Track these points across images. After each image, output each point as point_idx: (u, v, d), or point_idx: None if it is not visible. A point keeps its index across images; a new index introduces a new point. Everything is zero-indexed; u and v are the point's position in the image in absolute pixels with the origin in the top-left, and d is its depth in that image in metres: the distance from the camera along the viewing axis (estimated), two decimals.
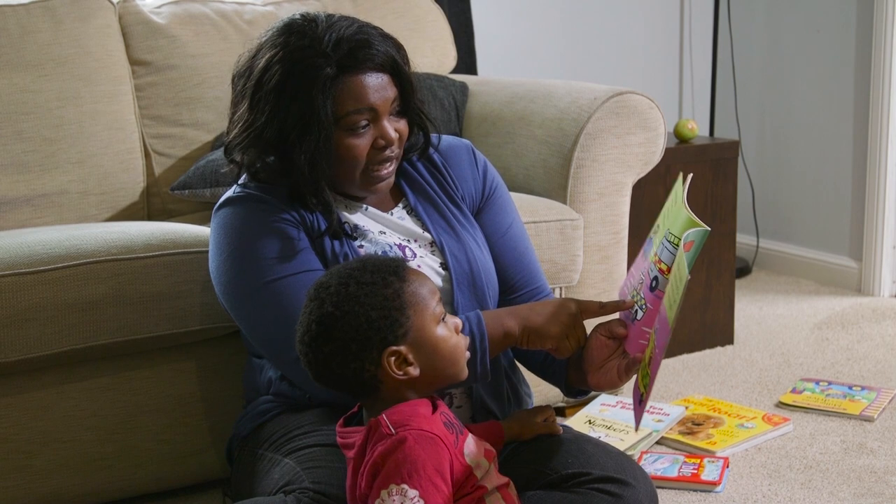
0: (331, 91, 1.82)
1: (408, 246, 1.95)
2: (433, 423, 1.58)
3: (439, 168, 2.05)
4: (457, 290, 1.94)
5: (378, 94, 1.85)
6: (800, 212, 4.19)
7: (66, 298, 2.13)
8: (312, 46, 1.83)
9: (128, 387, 2.28)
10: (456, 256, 1.96)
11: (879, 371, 3.08)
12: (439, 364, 1.63)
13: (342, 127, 1.85)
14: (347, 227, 1.93)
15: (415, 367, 1.60)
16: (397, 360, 1.59)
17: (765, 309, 3.73)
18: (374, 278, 1.60)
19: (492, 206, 2.09)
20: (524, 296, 2.06)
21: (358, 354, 1.58)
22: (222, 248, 1.90)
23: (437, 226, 1.99)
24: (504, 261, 2.06)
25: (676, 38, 4.36)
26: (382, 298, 1.59)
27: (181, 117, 2.90)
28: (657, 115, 2.77)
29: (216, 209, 1.94)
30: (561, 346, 1.81)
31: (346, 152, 1.86)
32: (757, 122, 4.31)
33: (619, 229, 2.77)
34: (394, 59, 1.87)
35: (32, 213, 2.69)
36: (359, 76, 1.84)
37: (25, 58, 2.73)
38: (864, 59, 3.85)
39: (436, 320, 1.63)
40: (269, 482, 1.80)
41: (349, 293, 1.59)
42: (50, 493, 2.24)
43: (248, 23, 3.02)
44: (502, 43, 3.98)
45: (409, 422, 1.56)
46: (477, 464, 1.61)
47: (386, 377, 1.60)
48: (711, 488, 2.37)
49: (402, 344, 1.59)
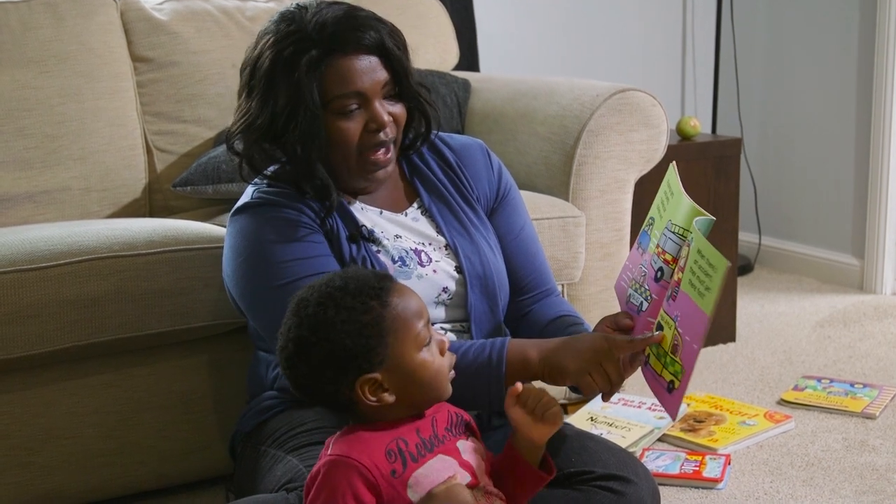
0: (316, 74, 1.81)
1: (424, 250, 1.94)
2: (370, 453, 1.54)
3: (453, 167, 2.04)
4: (470, 293, 1.93)
5: (366, 76, 1.84)
6: (802, 209, 4.19)
7: (67, 295, 2.13)
8: (299, 31, 1.83)
9: (130, 383, 2.28)
10: (470, 259, 1.95)
11: (881, 368, 3.08)
12: (416, 390, 1.58)
13: (332, 110, 1.84)
14: (365, 231, 1.91)
15: (390, 394, 1.56)
16: (371, 387, 1.55)
17: (767, 306, 3.72)
18: (353, 302, 1.54)
19: (505, 208, 2.08)
20: (534, 297, 2.05)
21: (333, 379, 1.55)
22: (240, 251, 1.89)
23: (451, 228, 1.98)
24: (516, 263, 2.05)
25: (679, 35, 4.36)
26: (360, 325, 1.53)
27: (183, 114, 2.90)
28: (660, 113, 2.77)
29: (233, 214, 1.93)
30: (582, 382, 1.74)
31: (338, 135, 1.85)
32: (759, 120, 4.30)
33: (621, 226, 2.77)
34: (382, 40, 1.85)
35: (34, 209, 2.69)
36: (345, 58, 1.83)
37: (27, 54, 2.73)
38: (866, 57, 3.84)
39: (418, 346, 1.57)
40: (271, 479, 1.80)
41: (326, 318, 1.54)
42: (52, 490, 2.24)
43: (250, 19, 3.02)
44: (505, 40, 3.97)
45: (344, 447, 1.54)
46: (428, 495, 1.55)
47: (360, 401, 1.56)
48: (713, 485, 2.37)
49: (377, 371, 1.55)
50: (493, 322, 1.97)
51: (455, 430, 1.64)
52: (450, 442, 1.62)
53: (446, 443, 1.61)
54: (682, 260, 1.66)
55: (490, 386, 1.76)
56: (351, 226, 1.91)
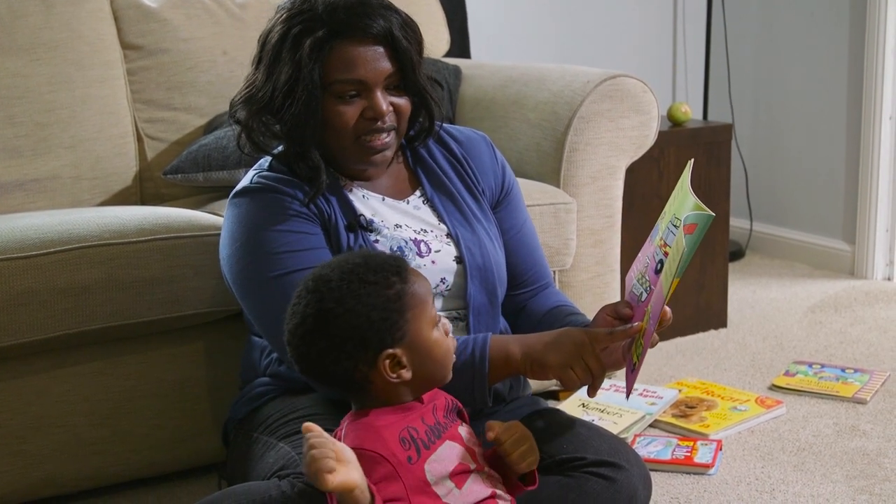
0: (320, 55, 1.82)
1: (423, 240, 1.94)
2: (385, 442, 1.55)
3: (459, 159, 2.04)
4: (470, 284, 1.93)
5: (369, 65, 1.84)
6: (793, 195, 4.19)
7: (58, 283, 2.13)
8: (311, 10, 1.83)
9: (121, 371, 2.27)
10: (471, 250, 1.95)
11: (872, 354, 3.09)
12: (431, 367, 1.60)
13: (331, 93, 1.84)
14: (363, 220, 1.91)
15: (407, 371, 1.58)
16: (391, 362, 1.57)
17: (758, 292, 3.73)
18: (377, 277, 1.57)
19: (509, 202, 2.08)
20: (533, 291, 2.06)
21: (352, 354, 1.56)
22: (236, 236, 1.88)
23: (453, 217, 1.98)
24: (518, 256, 2.05)
25: (670, 21, 4.35)
26: (385, 299, 1.56)
27: (173, 101, 2.90)
28: (650, 99, 2.76)
29: (233, 196, 1.93)
30: (564, 376, 1.73)
31: (334, 118, 1.85)
32: (750, 106, 4.30)
33: (612, 213, 2.77)
34: (390, 30, 1.84)
35: (24, 197, 2.69)
36: (351, 44, 1.83)
37: (17, 42, 2.72)
38: (857, 43, 3.84)
39: (432, 323, 1.61)
40: (263, 466, 1.80)
41: (352, 290, 1.56)
42: (44, 478, 2.24)
43: (241, 7, 3.02)
44: (495, 26, 3.97)
45: (358, 434, 1.55)
46: (437, 481, 1.57)
47: (378, 378, 1.57)
48: (704, 471, 2.38)
49: (398, 346, 1.57)
50: (492, 314, 1.97)
51: (451, 417, 1.65)
52: (452, 428, 1.63)
53: (449, 429, 1.62)
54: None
55: (473, 383, 1.76)
56: (349, 215, 1.91)
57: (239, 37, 2.98)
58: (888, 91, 3.75)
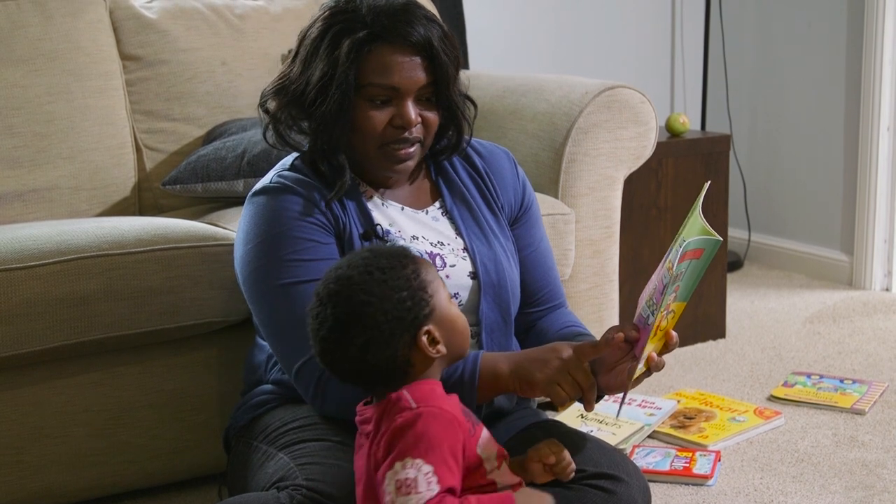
0: (357, 56, 1.82)
1: (439, 254, 1.93)
2: (452, 405, 1.59)
3: (481, 173, 2.03)
4: (483, 300, 1.92)
5: (405, 73, 1.83)
6: (791, 206, 4.20)
7: (57, 294, 2.13)
8: (354, 10, 1.84)
9: (119, 382, 2.27)
10: (486, 266, 1.94)
11: (870, 364, 3.09)
12: (457, 340, 1.64)
13: (364, 95, 1.84)
14: (380, 230, 1.91)
15: (442, 345, 1.62)
16: (429, 338, 1.60)
17: (756, 303, 3.73)
18: (391, 262, 1.61)
19: (528, 219, 2.07)
20: (546, 310, 2.05)
21: (391, 339, 1.58)
22: (250, 237, 1.88)
23: (471, 231, 1.97)
24: (532, 274, 2.04)
25: (668, 33, 4.36)
26: (406, 279, 1.60)
27: (172, 112, 2.90)
28: (649, 110, 2.77)
29: (251, 195, 1.92)
30: (551, 392, 1.73)
31: (363, 121, 1.85)
32: (748, 117, 4.31)
33: (610, 223, 2.77)
34: (430, 41, 1.84)
35: (23, 208, 2.69)
36: (390, 50, 1.83)
37: (16, 53, 2.72)
38: (854, 54, 3.85)
39: (449, 297, 1.66)
40: (262, 476, 1.80)
41: (375, 279, 1.59)
42: (41, 489, 2.23)
43: (240, 17, 3.02)
44: (494, 37, 3.97)
45: (429, 400, 1.57)
46: (488, 457, 1.61)
47: (418, 358, 1.60)
48: (703, 482, 2.38)
49: (430, 322, 1.61)
50: (505, 332, 1.96)
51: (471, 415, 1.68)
52: (478, 427, 1.65)
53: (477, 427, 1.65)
54: None
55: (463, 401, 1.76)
56: (366, 223, 1.90)
57: (238, 48, 2.98)
58: (886, 102, 3.76)
